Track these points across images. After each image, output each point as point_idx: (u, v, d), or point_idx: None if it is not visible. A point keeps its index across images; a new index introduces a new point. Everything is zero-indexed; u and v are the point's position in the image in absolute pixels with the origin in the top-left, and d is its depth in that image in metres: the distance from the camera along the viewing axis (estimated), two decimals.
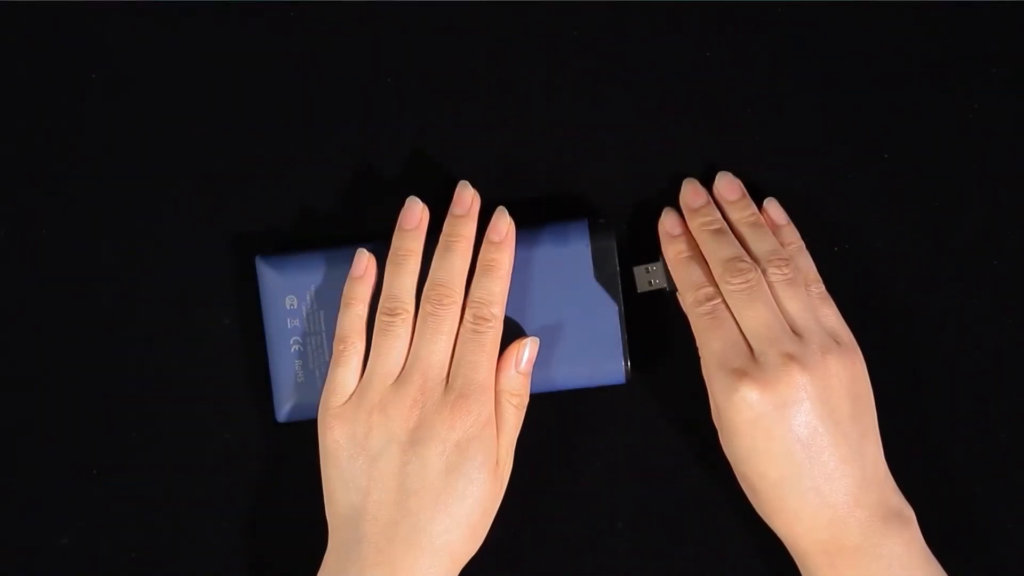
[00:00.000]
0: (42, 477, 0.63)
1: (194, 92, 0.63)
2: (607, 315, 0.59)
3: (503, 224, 0.58)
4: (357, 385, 0.57)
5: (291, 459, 0.62)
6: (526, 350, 0.58)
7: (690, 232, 0.59)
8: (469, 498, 0.55)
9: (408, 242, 0.58)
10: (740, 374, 0.54)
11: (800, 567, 0.56)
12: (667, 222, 0.60)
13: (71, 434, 0.63)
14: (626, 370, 0.59)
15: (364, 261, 0.58)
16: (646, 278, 0.60)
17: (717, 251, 0.57)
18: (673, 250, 0.59)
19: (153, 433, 0.63)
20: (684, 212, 0.60)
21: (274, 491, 0.63)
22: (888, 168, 0.61)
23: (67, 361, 0.63)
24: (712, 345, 0.56)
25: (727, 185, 0.60)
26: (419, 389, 0.56)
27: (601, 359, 0.59)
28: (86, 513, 0.63)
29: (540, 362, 0.58)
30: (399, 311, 0.57)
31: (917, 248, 0.61)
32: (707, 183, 0.61)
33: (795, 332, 0.56)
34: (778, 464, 0.54)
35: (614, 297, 0.59)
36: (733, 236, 0.58)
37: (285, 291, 0.60)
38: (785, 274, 0.57)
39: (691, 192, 0.60)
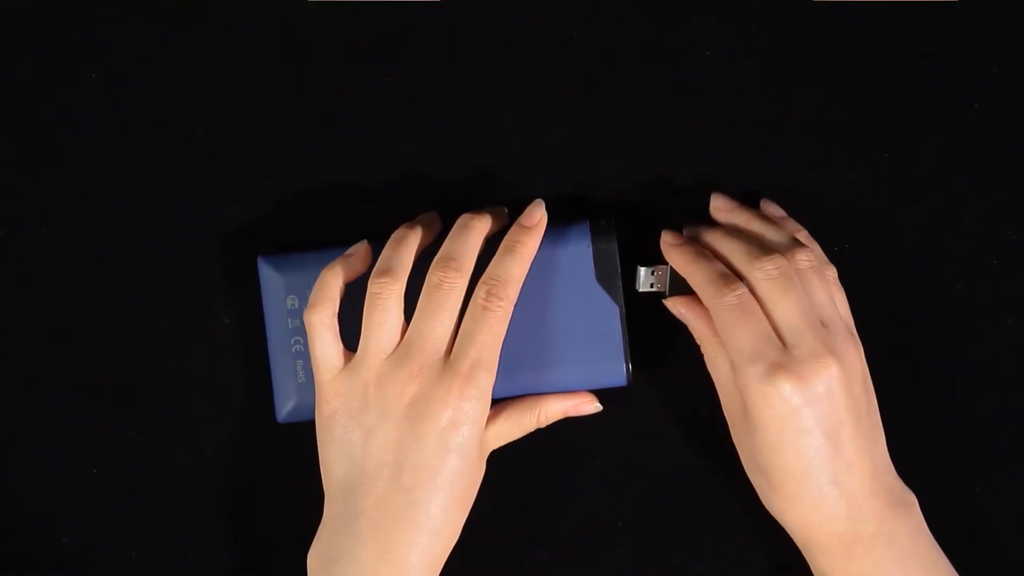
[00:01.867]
0: (42, 477, 0.63)
1: (194, 92, 0.63)
2: (608, 317, 0.58)
3: (537, 213, 0.57)
4: (347, 354, 0.56)
5: (291, 459, 0.62)
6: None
7: (690, 242, 0.59)
8: (464, 477, 0.55)
9: (416, 224, 0.58)
10: (776, 367, 0.53)
11: (811, 560, 0.56)
12: (667, 237, 0.59)
13: (71, 434, 0.63)
14: (627, 372, 0.58)
15: (362, 247, 0.58)
16: (649, 279, 0.59)
17: (739, 246, 0.56)
18: (680, 255, 0.58)
19: (153, 433, 0.63)
20: (716, 219, 0.60)
21: (274, 491, 0.63)
22: (888, 168, 0.61)
23: (67, 361, 0.63)
24: (742, 339, 0.54)
25: (723, 201, 0.60)
26: (417, 365, 0.54)
27: (602, 361, 0.58)
28: (86, 513, 0.63)
29: (541, 363, 0.58)
30: (386, 278, 0.55)
31: (917, 248, 0.61)
32: (708, 182, 0.61)
33: (822, 322, 0.55)
34: (804, 457, 0.53)
35: (615, 299, 0.58)
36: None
37: (286, 291, 0.60)
38: (810, 260, 0.56)
39: (721, 202, 0.60)
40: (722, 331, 0.55)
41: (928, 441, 0.61)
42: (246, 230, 0.63)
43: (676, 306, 0.58)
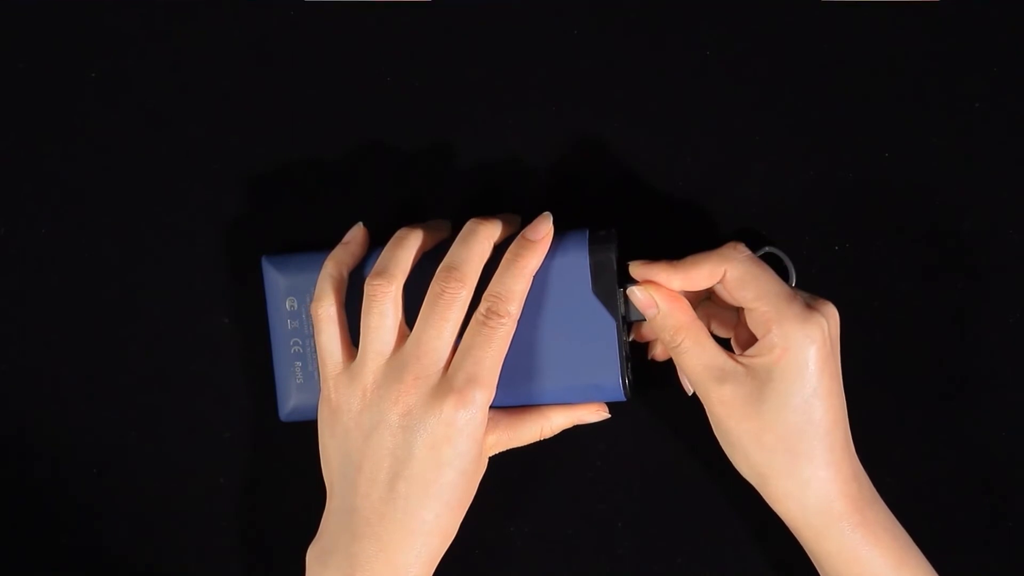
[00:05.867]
0: (42, 477, 0.63)
1: (195, 92, 0.63)
2: (604, 331, 0.56)
3: (543, 227, 0.56)
4: (348, 350, 0.56)
5: (292, 458, 0.62)
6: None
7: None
8: (459, 487, 0.55)
9: (420, 225, 0.57)
10: (809, 304, 0.54)
11: (820, 543, 0.55)
12: (635, 263, 0.57)
13: (71, 434, 0.63)
14: (624, 388, 0.56)
15: (358, 231, 0.58)
16: (635, 310, 0.57)
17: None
18: (663, 264, 0.56)
19: (153, 433, 0.63)
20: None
21: (274, 490, 0.63)
22: (888, 168, 0.61)
23: (67, 361, 0.63)
24: (774, 284, 0.54)
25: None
26: (413, 375, 0.54)
27: (598, 376, 0.56)
28: (86, 513, 0.63)
29: (536, 375, 0.57)
30: (381, 280, 0.55)
31: (917, 248, 0.61)
32: (708, 182, 0.61)
33: None
34: (832, 407, 0.54)
35: (611, 312, 0.56)
36: None
37: (286, 292, 0.60)
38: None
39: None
40: (749, 282, 0.54)
41: (927, 441, 0.61)
42: (246, 230, 0.63)
43: (645, 293, 0.56)
